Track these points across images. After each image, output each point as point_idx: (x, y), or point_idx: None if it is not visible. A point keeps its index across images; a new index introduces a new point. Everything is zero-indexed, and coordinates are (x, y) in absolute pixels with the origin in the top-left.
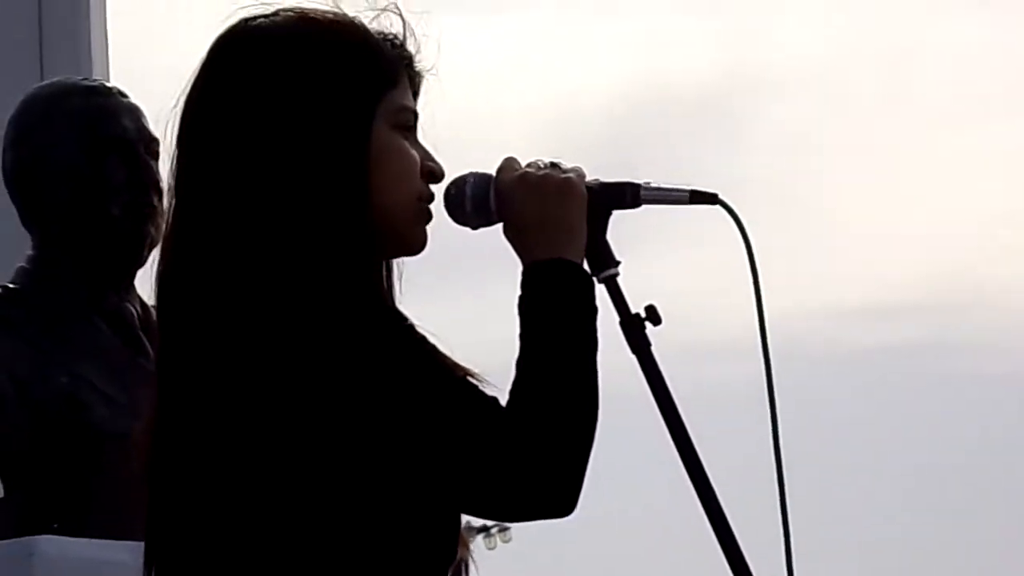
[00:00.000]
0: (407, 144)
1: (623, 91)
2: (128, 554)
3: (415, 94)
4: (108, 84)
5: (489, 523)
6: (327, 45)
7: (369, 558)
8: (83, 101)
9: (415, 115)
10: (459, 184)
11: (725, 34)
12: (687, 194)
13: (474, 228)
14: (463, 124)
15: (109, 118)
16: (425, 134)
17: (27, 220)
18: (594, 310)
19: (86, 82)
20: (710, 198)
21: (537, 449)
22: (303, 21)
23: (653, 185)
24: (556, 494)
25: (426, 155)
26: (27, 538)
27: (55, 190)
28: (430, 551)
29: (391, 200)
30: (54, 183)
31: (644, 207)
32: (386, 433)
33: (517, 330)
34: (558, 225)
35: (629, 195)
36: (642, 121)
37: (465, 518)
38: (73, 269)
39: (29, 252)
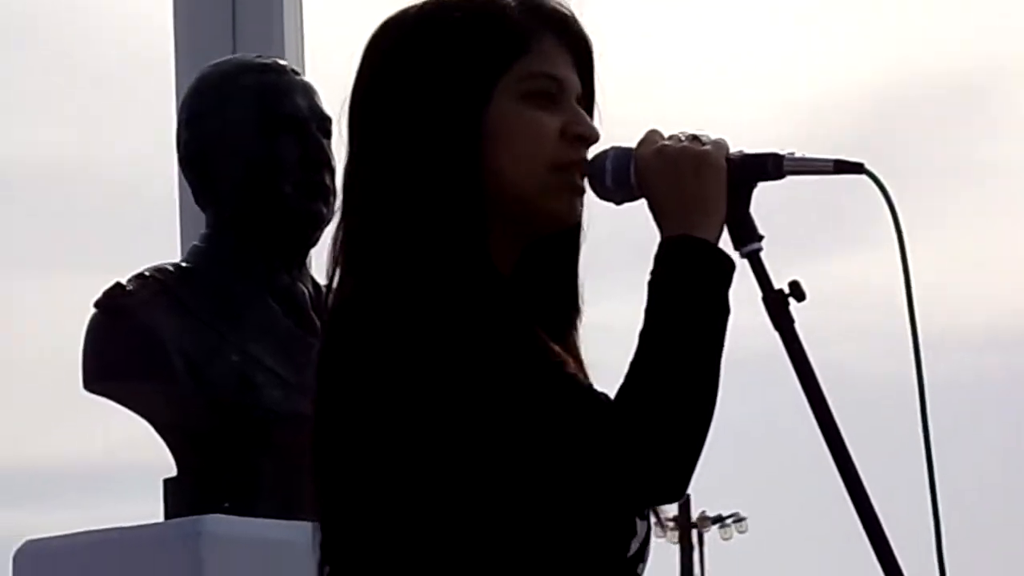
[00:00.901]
0: (539, 113)
1: (876, 82)
2: (296, 533)
3: (579, 59)
4: (281, 62)
5: (724, 513)
6: (452, 22)
7: (508, 551)
8: (256, 79)
9: (556, 80)
10: (600, 158)
11: (978, 24)
12: (831, 164)
13: (618, 204)
14: (718, 117)
15: (282, 96)
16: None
17: (201, 199)
18: (724, 290)
19: (260, 59)
20: (855, 167)
21: (649, 433)
22: (438, 5)
23: (797, 155)
24: (666, 480)
25: (573, 120)
26: (196, 517)
27: (228, 170)
28: (565, 545)
29: (513, 172)
30: (227, 163)
31: (789, 179)
32: (489, 429)
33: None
34: (693, 200)
35: (772, 165)
36: (895, 112)
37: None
38: (245, 248)
39: (203, 231)
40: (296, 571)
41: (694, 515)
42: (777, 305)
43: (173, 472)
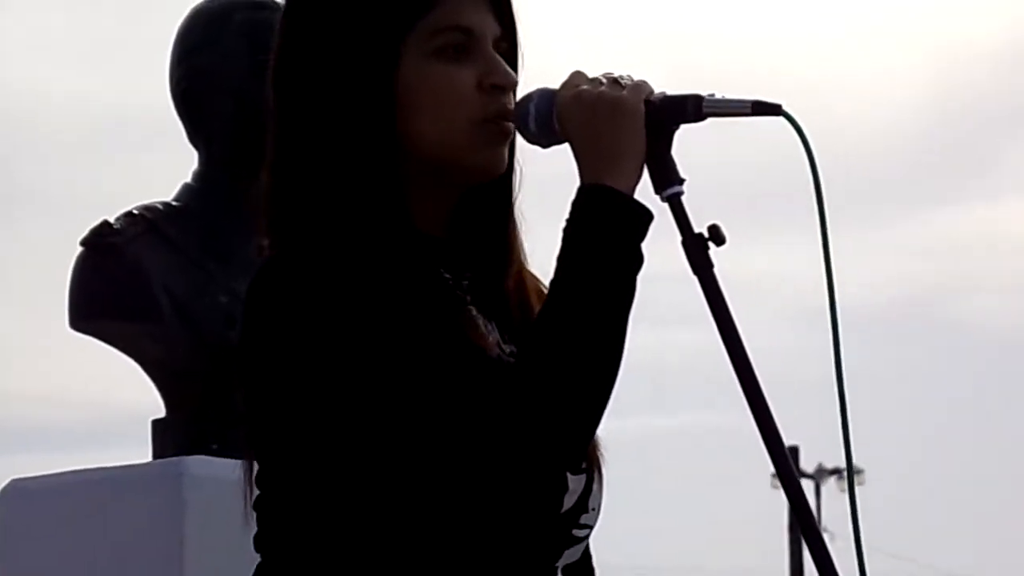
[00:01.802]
0: (451, 68)
1: (1011, 37)
2: None
3: (501, 4)
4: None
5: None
6: None
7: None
8: (249, 16)
9: (466, 31)
10: (525, 101)
11: None
12: (749, 105)
13: (544, 147)
14: (842, 77)
15: (274, 33)
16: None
17: (193, 137)
18: (633, 241)
19: None
20: (773, 109)
21: (551, 391)
22: None
23: (716, 96)
24: (568, 438)
25: (488, 70)
26: (179, 458)
27: (219, 107)
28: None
29: (430, 130)
30: (218, 100)
31: (709, 120)
32: (402, 391)
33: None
34: (608, 147)
35: (691, 107)
36: None
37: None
38: (235, 187)
39: (194, 168)
40: None
41: (811, 467)
42: (696, 249)
43: (162, 413)
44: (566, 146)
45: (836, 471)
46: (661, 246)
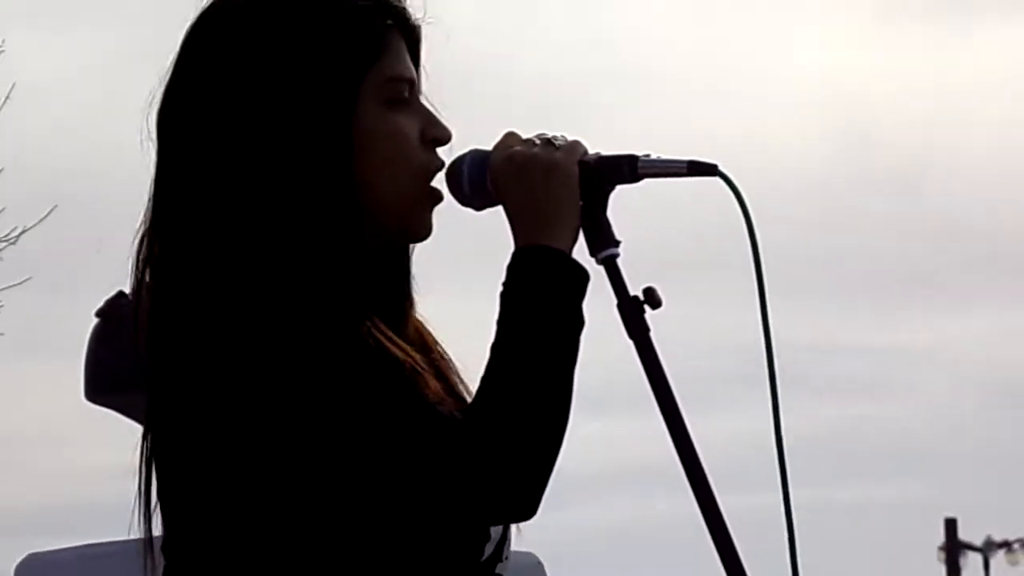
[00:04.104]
0: (400, 120)
1: None
2: None
3: (413, 48)
4: None
5: (1010, 538)
6: (301, 20)
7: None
8: None
9: (410, 81)
10: (457, 164)
11: None
12: (685, 165)
13: (477, 209)
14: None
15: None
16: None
17: None
18: (574, 301)
19: None
20: (708, 169)
21: (497, 450)
22: None
23: (652, 156)
24: (516, 500)
25: (428, 120)
26: None
27: None
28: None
29: (385, 185)
30: None
31: (645, 181)
32: (334, 437)
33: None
34: (543, 209)
35: (627, 168)
36: None
37: None
38: None
39: None
40: None
41: (979, 540)
42: (632, 313)
43: None
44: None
45: (1005, 544)
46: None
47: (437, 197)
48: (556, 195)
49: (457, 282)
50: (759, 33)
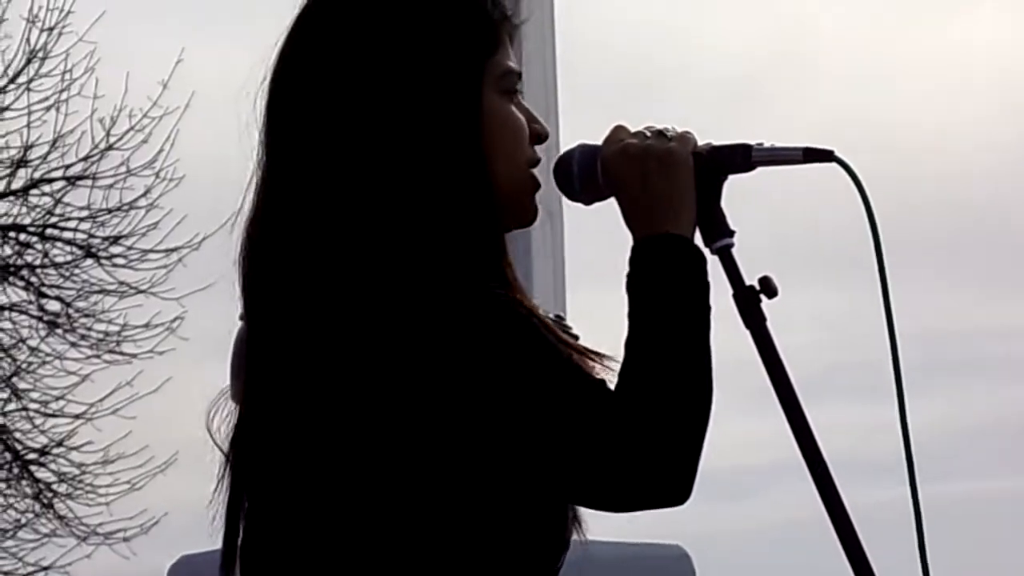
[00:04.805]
0: (514, 109)
1: None
2: None
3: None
4: None
5: None
6: (427, 8)
7: (472, 546)
8: None
9: (520, 76)
10: (566, 159)
11: None
12: (800, 152)
13: (587, 204)
14: None
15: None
16: None
17: None
18: (704, 285)
19: None
20: (825, 155)
21: (648, 434)
22: None
23: (766, 145)
24: (670, 481)
25: (530, 116)
26: None
27: None
28: (538, 539)
29: (508, 170)
30: None
31: (758, 169)
32: (489, 418)
33: (626, 309)
34: (662, 198)
35: (740, 157)
36: None
37: None
38: None
39: None
40: None
41: None
42: (748, 302)
43: None
44: None
45: None
46: None
47: (538, 186)
48: (674, 185)
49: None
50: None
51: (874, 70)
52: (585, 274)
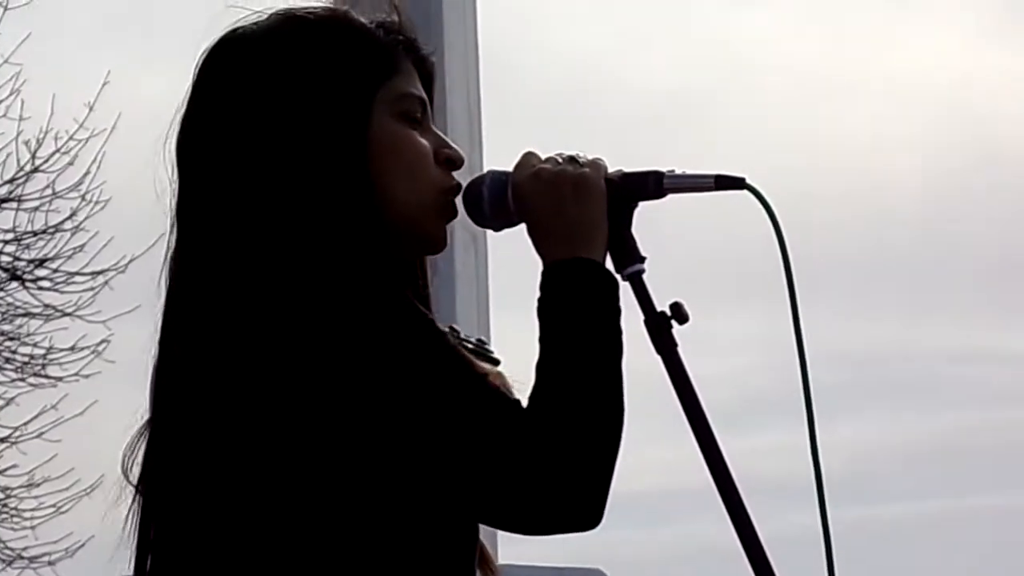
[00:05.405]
0: (414, 133)
1: None
2: None
3: (426, 80)
4: None
5: None
6: (314, 41)
7: (378, 565)
8: None
9: (422, 102)
10: (476, 184)
11: None
12: (712, 180)
13: (496, 230)
14: None
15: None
16: None
17: None
18: (616, 310)
19: None
20: (737, 183)
21: (558, 456)
22: (288, 20)
23: (677, 172)
24: (580, 504)
25: (440, 142)
26: None
27: None
28: (444, 561)
29: (405, 194)
30: None
31: (669, 196)
32: (398, 435)
33: (536, 334)
34: (575, 223)
35: (652, 184)
36: None
37: None
38: None
39: None
40: None
41: None
42: (659, 328)
43: None
44: None
45: None
46: None
47: (452, 212)
48: (587, 210)
49: None
50: (885, 32)
51: (802, 92)
52: (509, 298)
